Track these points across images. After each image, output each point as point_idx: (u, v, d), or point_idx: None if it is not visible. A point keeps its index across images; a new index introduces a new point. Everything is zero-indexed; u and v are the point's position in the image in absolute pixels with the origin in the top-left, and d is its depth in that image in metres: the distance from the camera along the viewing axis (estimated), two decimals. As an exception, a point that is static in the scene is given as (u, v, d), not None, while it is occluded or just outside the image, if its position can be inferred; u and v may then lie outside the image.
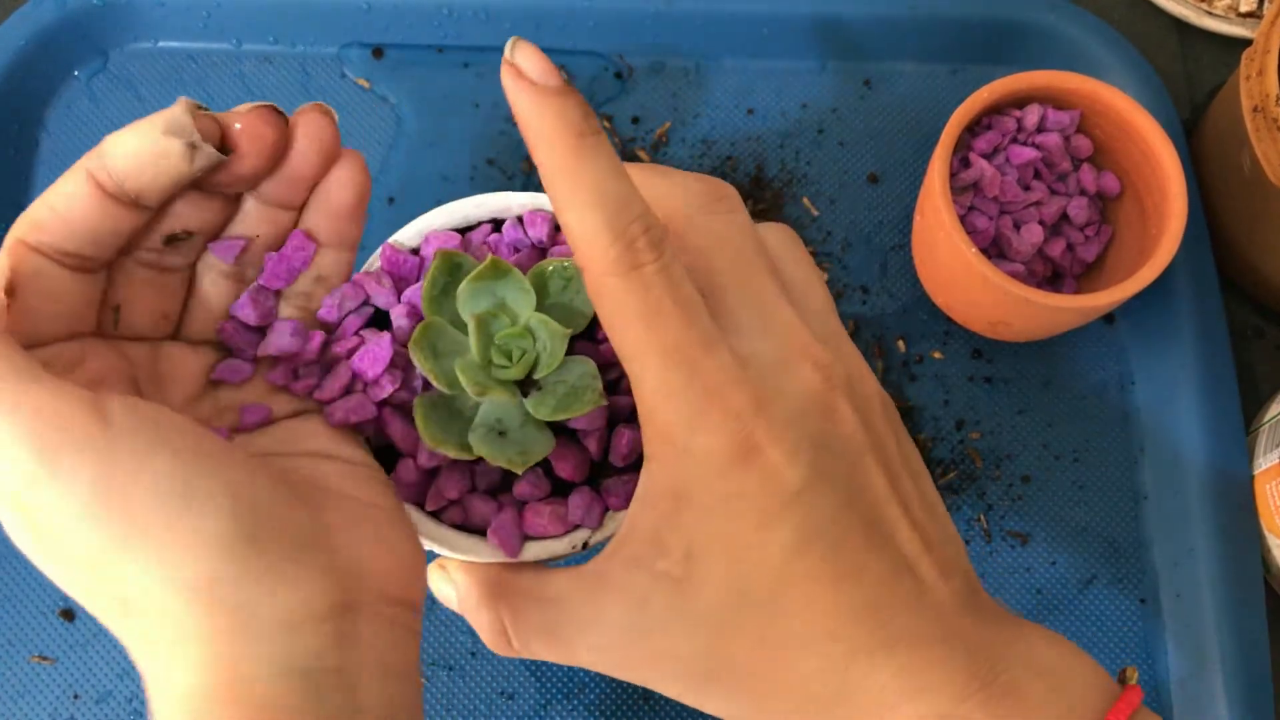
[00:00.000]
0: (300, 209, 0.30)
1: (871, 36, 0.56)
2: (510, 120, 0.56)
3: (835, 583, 0.26)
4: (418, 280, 0.32)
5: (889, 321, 0.53)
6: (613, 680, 0.48)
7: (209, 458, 0.25)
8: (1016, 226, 0.49)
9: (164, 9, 0.56)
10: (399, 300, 0.32)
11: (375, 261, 0.33)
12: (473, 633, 0.48)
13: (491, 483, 0.31)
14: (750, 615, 0.26)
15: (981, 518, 0.50)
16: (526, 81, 0.25)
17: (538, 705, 0.47)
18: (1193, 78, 0.58)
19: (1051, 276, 0.51)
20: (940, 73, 0.57)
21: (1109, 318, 0.54)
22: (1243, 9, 0.57)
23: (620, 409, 0.31)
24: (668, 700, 0.47)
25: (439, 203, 0.42)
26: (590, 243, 0.25)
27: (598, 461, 0.31)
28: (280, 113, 0.28)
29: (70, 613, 0.48)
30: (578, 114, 0.26)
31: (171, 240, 0.29)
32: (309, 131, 0.28)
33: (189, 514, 0.24)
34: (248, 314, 0.30)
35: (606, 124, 0.56)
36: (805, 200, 0.55)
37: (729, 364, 0.26)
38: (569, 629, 0.28)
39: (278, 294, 0.31)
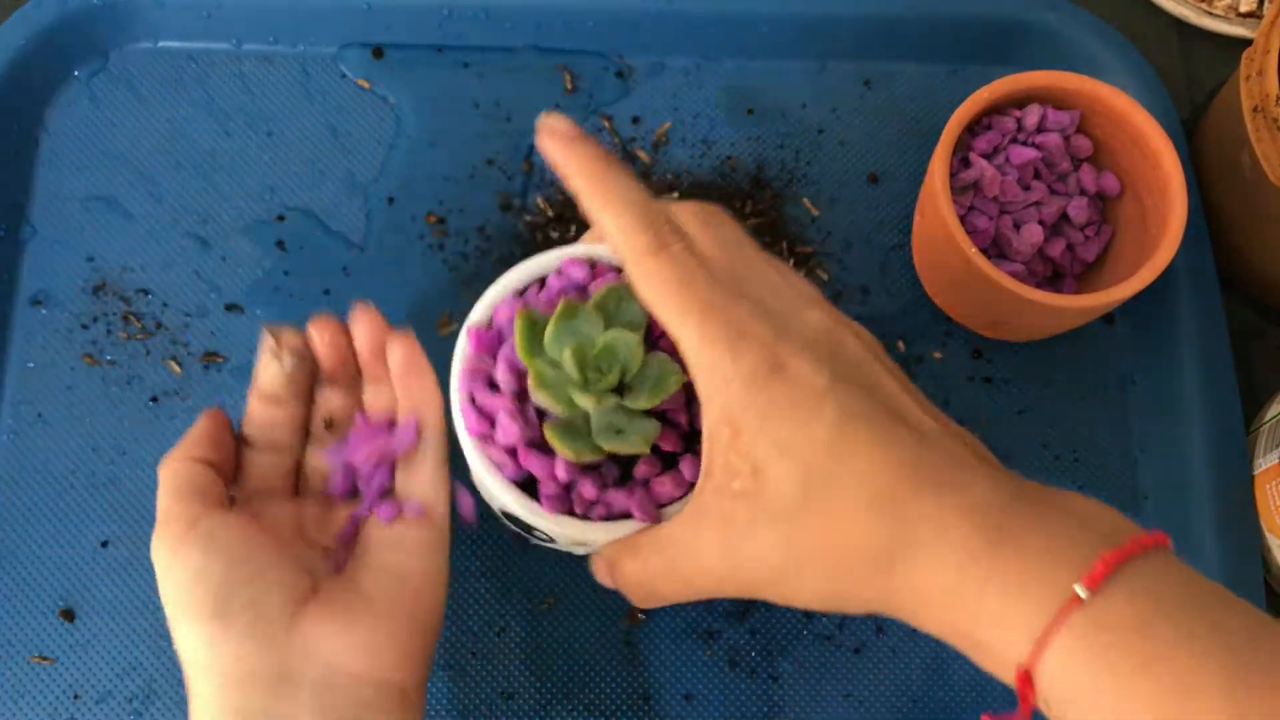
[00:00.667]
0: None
1: (871, 36, 0.56)
2: (510, 120, 0.56)
3: (876, 449, 0.31)
4: (501, 344, 0.40)
5: (889, 322, 0.53)
6: (612, 680, 0.48)
7: (247, 561, 0.37)
8: (1016, 226, 0.49)
9: (164, 9, 0.56)
10: (494, 361, 0.40)
11: (464, 343, 0.41)
12: (474, 633, 0.48)
13: (615, 477, 0.39)
14: (815, 497, 0.31)
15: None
16: (558, 135, 0.36)
17: (538, 705, 0.47)
18: (1193, 78, 0.58)
19: (1051, 276, 0.51)
20: (940, 73, 0.57)
21: (1109, 318, 0.54)
22: (1243, 9, 0.57)
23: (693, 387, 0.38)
24: (668, 702, 0.47)
25: (440, 203, 0.49)
26: (627, 235, 0.35)
27: (688, 432, 0.39)
28: (338, 321, 0.40)
29: (70, 613, 0.48)
30: (598, 149, 0.36)
31: (329, 424, 0.42)
32: (359, 327, 0.41)
33: (210, 597, 0.37)
34: (336, 485, 0.42)
35: (606, 124, 0.56)
36: (805, 200, 0.55)
37: (751, 308, 0.33)
38: (682, 562, 0.35)
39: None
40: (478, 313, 0.41)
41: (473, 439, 0.40)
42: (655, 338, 0.40)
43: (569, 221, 0.54)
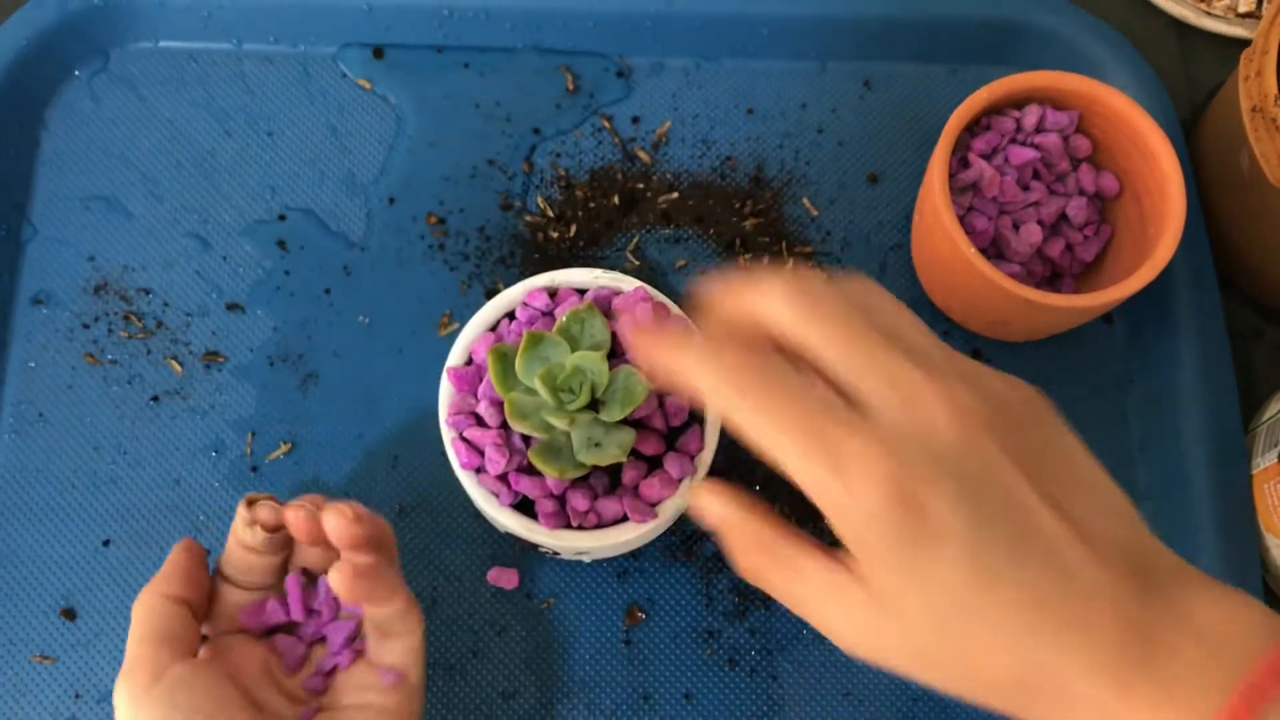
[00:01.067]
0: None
1: (871, 37, 0.56)
2: (510, 120, 0.56)
3: (1005, 598, 0.30)
4: (481, 380, 0.43)
5: (888, 321, 0.53)
6: (612, 681, 0.48)
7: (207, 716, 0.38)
8: (1015, 227, 0.49)
9: (165, 9, 0.56)
10: (477, 399, 0.43)
11: (446, 385, 0.43)
12: (474, 633, 0.48)
13: (606, 487, 0.42)
14: (947, 638, 0.30)
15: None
16: (634, 330, 0.34)
17: (538, 705, 0.47)
18: (1192, 78, 0.58)
19: (1050, 276, 0.51)
20: (939, 73, 0.57)
21: (1108, 317, 0.54)
22: (1241, 9, 0.57)
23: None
24: (668, 701, 0.48)
25: (441, 203, 0.51)
26: (720, 402, 0.31)
27: (665, 433, 0.42)
28: (312, 510, 0.40)
29: (71, 612, 0.48)
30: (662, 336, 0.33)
31: (308, 574, 0.43)
32: (330, 522, 0.39)
33: None
34: (305, 632, 0.42)
35: (606, 124, 0.56)
36: (805, 200, 0.55)
37: (859, 426, 0.30)
38: (808, 610, 0.33)
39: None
40: (455, 354, 0.44)
41: (467, 473, 0.42)
42: (620, 352, 0.42)
43: (569, 221, 0.54)
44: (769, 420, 0.30)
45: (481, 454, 0.42)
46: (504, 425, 0.42)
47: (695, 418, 0.43)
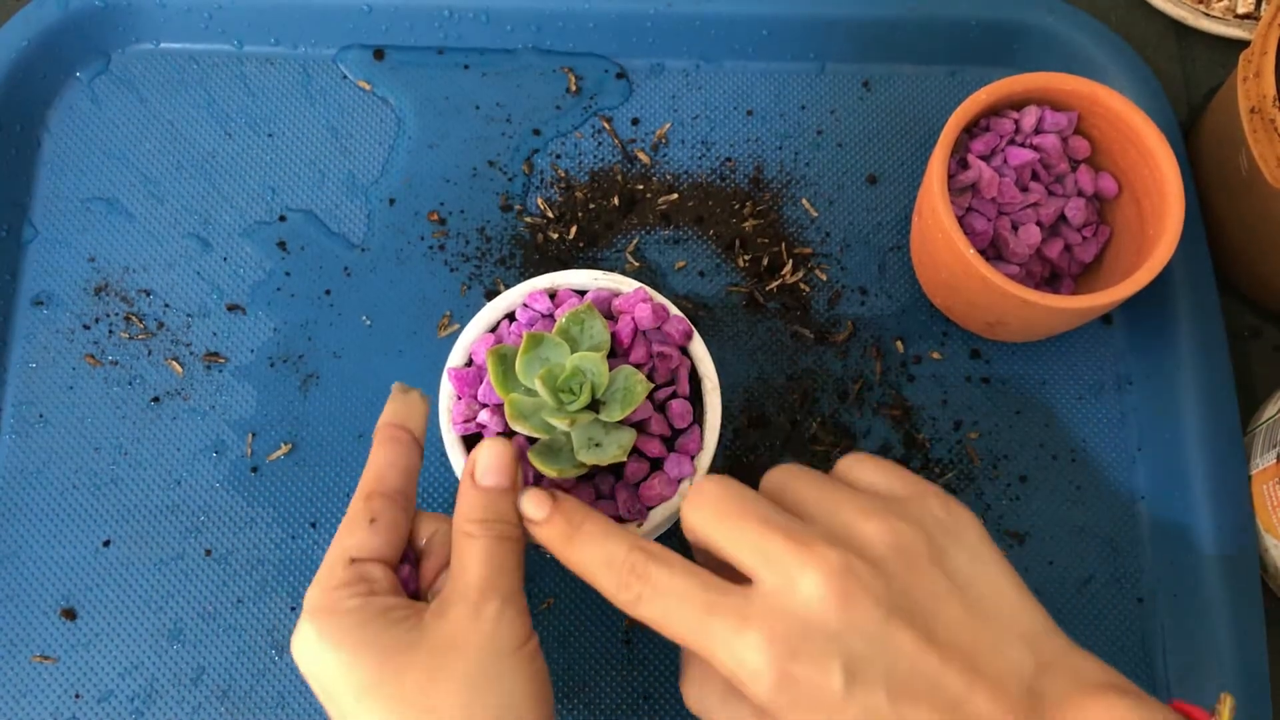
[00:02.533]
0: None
1: (870, 38, 0.56)
2: (510, 122, 0.56)
3: None
4: (481, 381, 0.43)
5: (887, 322, 0.53)
6: (612, 680, 0.48)
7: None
8: (1014, 228, 0.49)
9: (165, 10, 0.56)
10: (477, 400, 0.42)
11: (446, 386, 0.43)
12: (473, 632, 0.48)
13: (610, 488, 0.42)
14: None
15: (980, 518, 0.50)
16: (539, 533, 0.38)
17: (538, 704, 0.48)
18: (1190, 79, 0.58)
19: (1049, 277, 0.51)
20: (938, 74, 0.57)
21: (1107, 318, 0.54)
22: (1240, 10, 0.57)
23: (658, 394, 0.42)
24: (668, 700, 0.48)
25: (441, 204, 0.51)
26: (608, 590, 0.36)
27: (668, 436, 0.42)
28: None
29: (72, 612, 0.48)
30: (568, 530, 0.37)
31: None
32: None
33: None
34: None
35: (606, 125, 0.56)
36: (804, 201, 0.55)
37: (741, 605, 0.33)
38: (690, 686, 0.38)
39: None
40: (456, 355, 0.44)
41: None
42: (625, 349, 0.42)
43: (569, 222, 0.54)
44: (663, 605, 0.34)
45: None
46: (506, 429, 0.42)
47: (695, 420, 0.43)
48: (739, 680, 0.33)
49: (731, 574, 0.35)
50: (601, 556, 0.36)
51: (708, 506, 0.35)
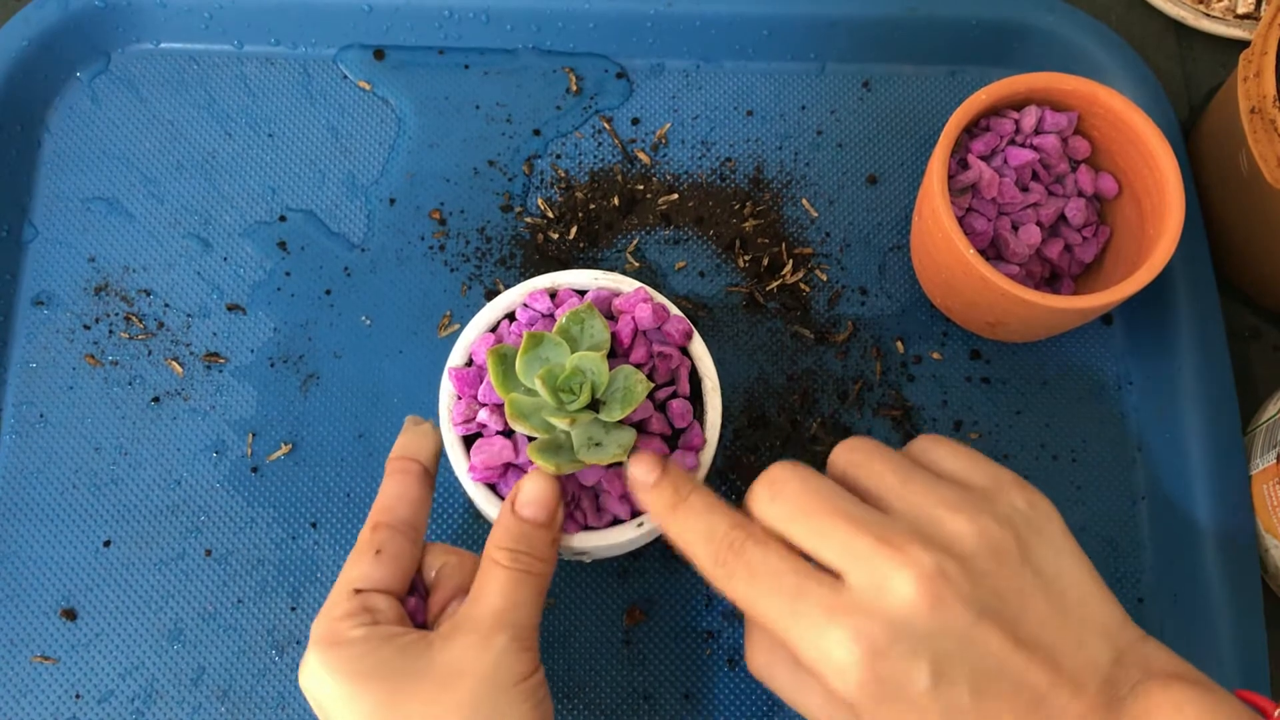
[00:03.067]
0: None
1: (870, 38, 0.56)
2: (510, 122, 0.56)
3: None
4: (481, 381, 0.42)
5: (887, 322, 0.53)
6: (612, 680, 0.48)
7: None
8: (1014, 228, 0.49)
9: (166, 10, 0.56)
10: (478, 400, 0.42)
11: (447, 386, 0.43)
12: (473, 632, 0.48)
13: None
14: None
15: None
16: (638, 485, 0.38)
17: (538, 704, 0.48)
18: (1190, 79, 0.58)
19: (1049, 277, 0.51)
20: (938, 74, 0.57)
21: (1107, 318, 0.54)
22: (1240, 10, 0.57)
23: (658, 395, 0.42)
24: (668, 701, 0.48)
25: (441, 204, 0.51)
26: (701, 561, 0.36)
27: (668, 436, 0.42)
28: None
29: (72, 612, 0.48)
30: (671, 492, 0.37)
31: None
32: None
33: None
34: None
35: (606, 125, 0.56)
36: (804, 201, 0.55)
37: (832, 599, 0.33)
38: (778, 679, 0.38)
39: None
40: (456, 355, 0.44)
41: (469, 475, 0.42)
42: (624, 350, 0.42)
43: (569, 222, 0.54)
44: (756, 587, 0.34)
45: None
46: (505, 428, 0.42)
47: (696, 419, 0.43)
48: (820, 672, 0.33)
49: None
50: (703, 530, 0.36)
51: (788, 501, 0.35)
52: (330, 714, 0.36)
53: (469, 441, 0.43)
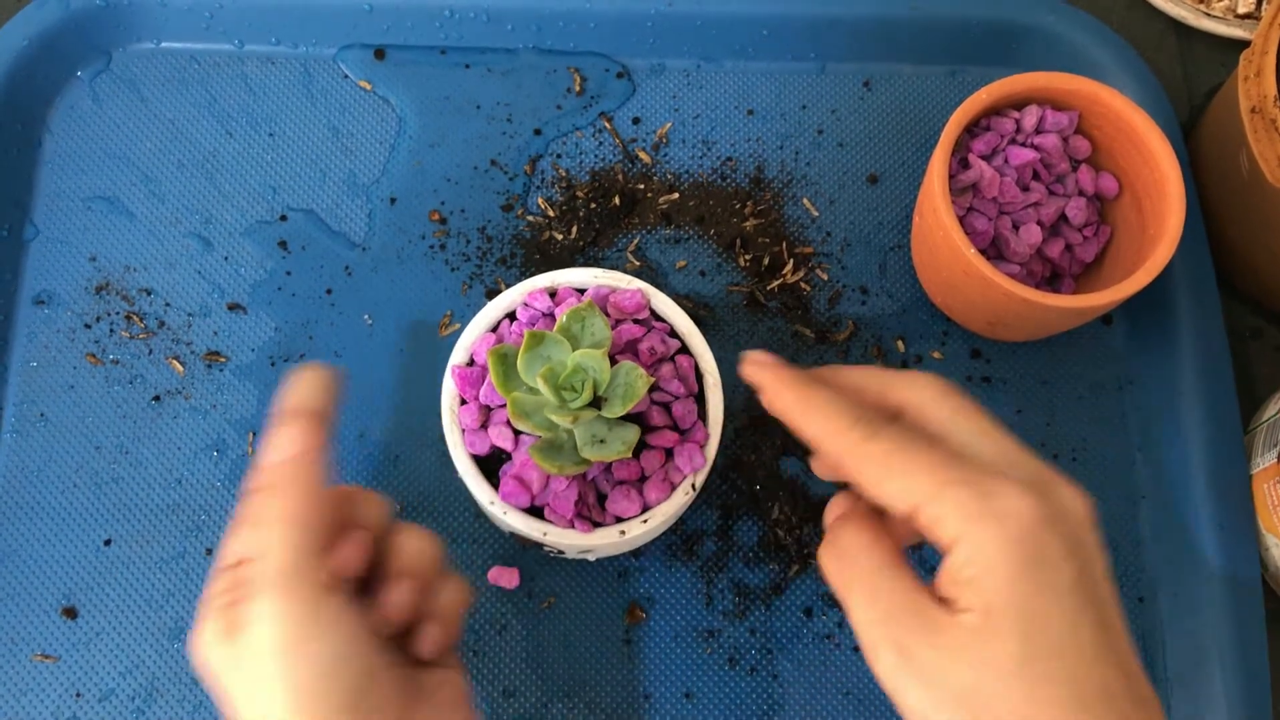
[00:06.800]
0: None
1: (870, 38, 0.56)
2: (511, 121, 0.56)
3: (1093, 663, 0.31)
4: (484, 380, 0.43)
5: (888, 322, 0.53)
6: (612, 679, 0.48)
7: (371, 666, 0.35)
8: (1015, 227, 0.49)
9: (166, 10, 0.56)
10: (479, 399, 0.43)
11: (449, 385, 0.43)
12: (475, 631, 0.48)
13: (614, 486, 0.43)
14: (1027, 676, 0.31)
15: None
16: (759, 364, 0.37)
17: (538, 704, 0.48)
18: (1191, 79, 0.58)
19: (1050, 277, 0.51)
20: (939, 74, 0.57)
21: (1107, 318, 0.54)
22: (1240, 10, 0.57)
23: (658, 397, 0.43)
24: (668, 700, 0.48)
25: (442, 204, 0.51)
26: (837, 436, 0.34)
27: (672, 428, 0.43)
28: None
29: (73, 611, 0.48)
30: (796, 373, 0.36)
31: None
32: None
33: None
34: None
35: (607, 124, 0.56)
36: (805, 201, 0.55)
37: (1006, 477, 0.32)
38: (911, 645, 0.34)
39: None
40: (457, 355, 0.44)
41: (471, 474, 0.42)
42: (618, 351, 0.43)
43: (570, 222, 0.54)
44: (909, 460, 0.33)
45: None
46: (508, 425, 0.43)
47: (700, 416, 0.43)
48: (958, 568, 0.31)
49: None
50: (829, 397, 0.35)
51: (954, 404, 0.35)
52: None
53: (481, 463, 0.43)
